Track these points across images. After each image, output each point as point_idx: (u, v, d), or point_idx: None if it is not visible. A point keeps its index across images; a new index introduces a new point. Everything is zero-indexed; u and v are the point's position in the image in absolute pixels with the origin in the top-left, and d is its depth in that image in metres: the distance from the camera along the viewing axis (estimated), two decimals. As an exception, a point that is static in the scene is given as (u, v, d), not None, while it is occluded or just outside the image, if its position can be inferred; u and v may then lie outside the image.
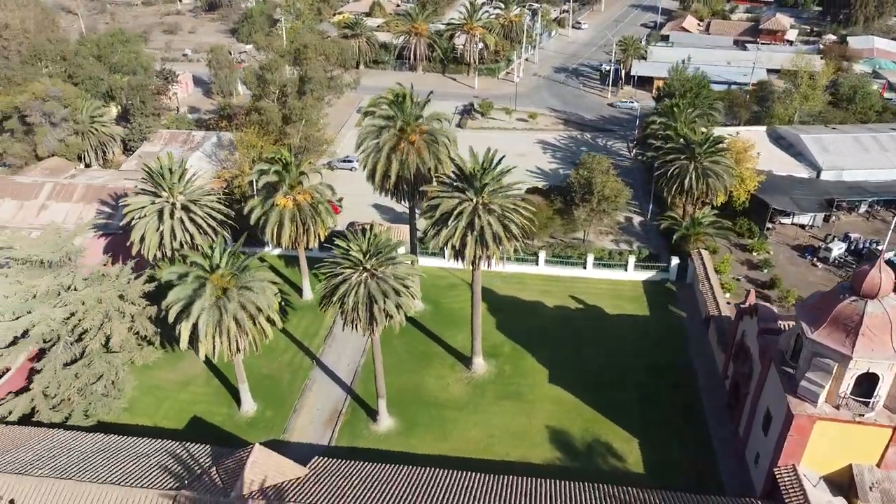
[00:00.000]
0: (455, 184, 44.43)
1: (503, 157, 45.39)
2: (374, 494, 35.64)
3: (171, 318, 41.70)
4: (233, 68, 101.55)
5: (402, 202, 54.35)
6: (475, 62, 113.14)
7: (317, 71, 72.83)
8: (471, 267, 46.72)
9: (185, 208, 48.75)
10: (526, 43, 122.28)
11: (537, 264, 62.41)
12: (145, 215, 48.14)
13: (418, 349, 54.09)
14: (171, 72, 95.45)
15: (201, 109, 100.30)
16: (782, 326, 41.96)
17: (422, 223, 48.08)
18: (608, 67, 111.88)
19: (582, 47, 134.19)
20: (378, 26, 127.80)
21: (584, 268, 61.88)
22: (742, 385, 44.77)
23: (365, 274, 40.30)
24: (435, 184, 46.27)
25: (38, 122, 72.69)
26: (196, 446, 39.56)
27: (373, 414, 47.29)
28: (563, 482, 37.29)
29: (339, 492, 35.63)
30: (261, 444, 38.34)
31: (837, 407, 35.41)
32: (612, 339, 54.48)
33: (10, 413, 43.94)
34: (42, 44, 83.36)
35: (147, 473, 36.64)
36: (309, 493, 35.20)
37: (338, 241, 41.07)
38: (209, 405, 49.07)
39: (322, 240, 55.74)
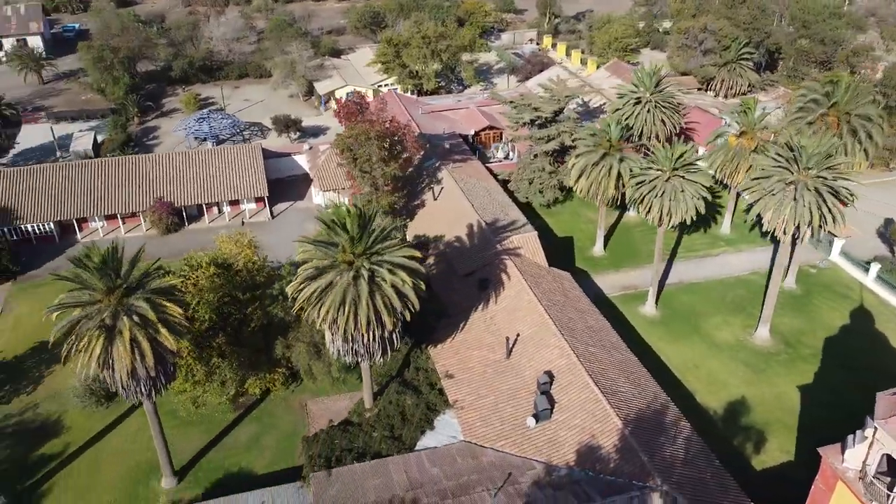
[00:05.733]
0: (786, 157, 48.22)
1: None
2: (564, 308, 50.91)
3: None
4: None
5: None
6: None
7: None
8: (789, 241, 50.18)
9: (654, 102, 66.03)
10: None
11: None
12: (620, 96, 67.57)
13: (741, 303, 58.97)
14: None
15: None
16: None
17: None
18: None
19: None
20: None
21: None
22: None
23: (667, 174, 51.53)
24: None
25: (691, 45, 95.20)
26: (526, 229, 60.60)
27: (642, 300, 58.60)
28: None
29: (542, 286, 51.97)
30: (576, 270, 58.25)
31: (861, 479, 31.85)
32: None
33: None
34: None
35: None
36: (525, 269, 52.81)
37: (654, 147, 52.87)
38: (586, 239, 68.07)
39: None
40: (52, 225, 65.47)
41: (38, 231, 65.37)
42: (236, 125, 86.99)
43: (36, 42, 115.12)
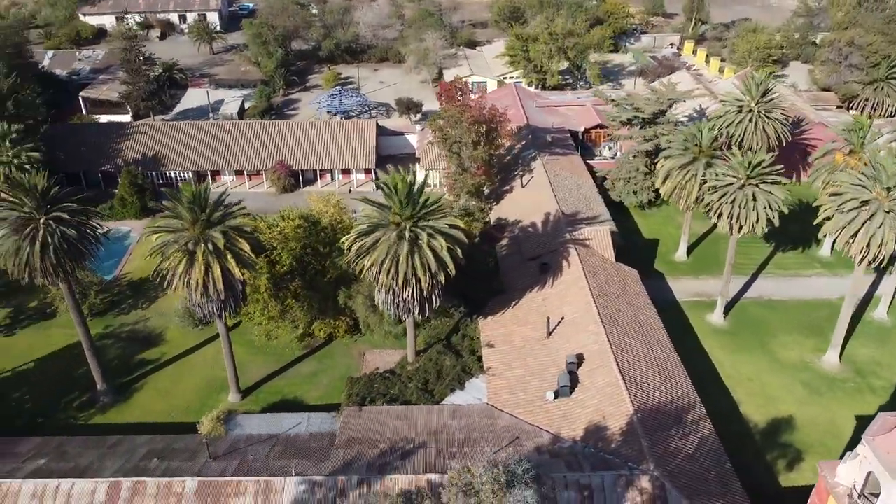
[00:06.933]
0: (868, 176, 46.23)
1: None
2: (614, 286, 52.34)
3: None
4: None
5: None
6: None
7: None
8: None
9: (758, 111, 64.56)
10: None
11: None
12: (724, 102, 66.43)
13: (819, 325, 56.61)
14: None
15: None
16: None
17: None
18: None
19: None
20: None
21: None
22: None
23: (743, 183, 51.00)
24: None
25: (835, 59, 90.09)
26: (602, 224, 61.68)
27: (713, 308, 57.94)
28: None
29: (599, 278, 53.40)
30: (652, 271, 60.33)
31: (849, 495, 31.45)
32: None
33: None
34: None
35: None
36: (587, 260, 54.24)
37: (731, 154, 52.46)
38: (671, 244, 67.66)
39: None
40: (190, 174, 75.39)
41: (178, 178, 75.54)
42: (364, 103, 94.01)
43: (213, 17, 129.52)
